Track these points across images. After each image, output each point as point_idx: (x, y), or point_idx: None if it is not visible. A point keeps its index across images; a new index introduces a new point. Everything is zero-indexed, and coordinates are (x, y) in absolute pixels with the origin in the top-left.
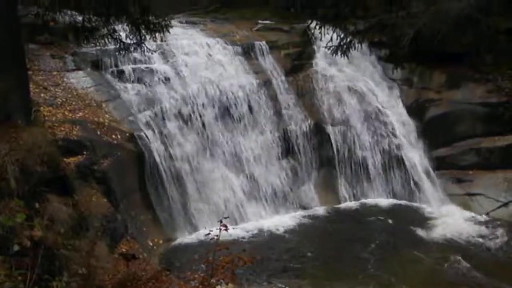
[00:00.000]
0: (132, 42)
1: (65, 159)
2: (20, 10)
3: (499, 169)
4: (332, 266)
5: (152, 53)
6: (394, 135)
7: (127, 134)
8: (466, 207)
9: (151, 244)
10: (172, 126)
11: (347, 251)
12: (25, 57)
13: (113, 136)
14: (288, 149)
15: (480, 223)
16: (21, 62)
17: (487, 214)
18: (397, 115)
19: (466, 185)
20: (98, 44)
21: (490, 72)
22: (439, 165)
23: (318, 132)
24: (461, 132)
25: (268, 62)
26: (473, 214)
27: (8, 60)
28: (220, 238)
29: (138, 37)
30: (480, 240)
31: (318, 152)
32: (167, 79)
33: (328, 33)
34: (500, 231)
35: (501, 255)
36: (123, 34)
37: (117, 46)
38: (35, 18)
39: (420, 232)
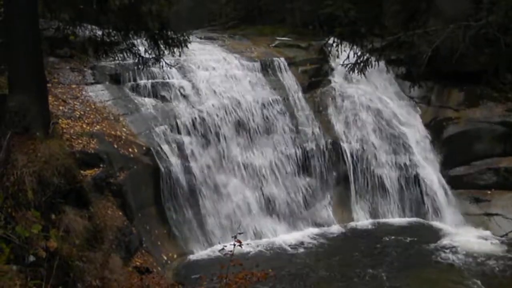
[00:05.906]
0: (150, 56)
1: (81, 172)
2: (41, 24)
3: None
4: (345, 285)
5: (170, 68)
6: (411, 153)
7: (144, 148)
8: (484, 227)
9: (165, 258)
10: (188, 140)
11: (361, 270)
12: (44, 70)
13: (130, 150)
14: (304, 166)
15: (498, 244)
16: (41, 75)
17: (506, 235)
18: (414, 133)
19: (484, 205)
20: (117, 58)
21: (509, 91)
22: (457, 184)
23: (334, 149)
24: (480, 151)
25: (285, 79)
26: (490, 234)
27: (28, 73)
28: (234, 254)
29: (157, 52)
30: (498, 261)
31: (334, 169)
32: (184, 94)
33: (345, 51)
34: None
35: None
36: (141, 49)
37: (136, 60)
38: (55, 32)
39: (436, 252)
